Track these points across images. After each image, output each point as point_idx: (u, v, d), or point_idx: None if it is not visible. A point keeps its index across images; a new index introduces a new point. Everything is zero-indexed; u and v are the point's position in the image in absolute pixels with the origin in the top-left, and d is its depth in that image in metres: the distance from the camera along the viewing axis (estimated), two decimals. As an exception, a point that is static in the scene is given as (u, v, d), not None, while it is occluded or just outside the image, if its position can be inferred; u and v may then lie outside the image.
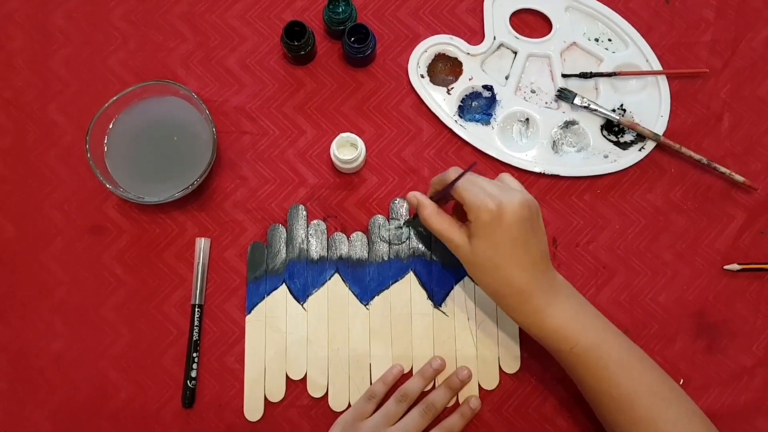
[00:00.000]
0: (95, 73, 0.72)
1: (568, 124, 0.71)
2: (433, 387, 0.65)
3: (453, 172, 0.59)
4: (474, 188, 0.56)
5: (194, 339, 0.65)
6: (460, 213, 0.62)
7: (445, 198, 0.60)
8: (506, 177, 0.60)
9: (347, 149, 0.67)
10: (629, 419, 0.55)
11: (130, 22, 0.73)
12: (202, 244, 0.67)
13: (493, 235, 0.55)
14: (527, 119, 0.71)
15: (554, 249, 0.68)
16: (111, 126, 0.66)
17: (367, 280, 0.67)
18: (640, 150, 0.70)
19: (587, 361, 0.56)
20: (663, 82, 0.72)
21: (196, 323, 0.65)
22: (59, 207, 0.69)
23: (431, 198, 0.61)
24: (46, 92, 0.71)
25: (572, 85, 0.71)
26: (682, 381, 0.65)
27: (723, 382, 0.66)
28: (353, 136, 0.66)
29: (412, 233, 0.68)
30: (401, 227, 0.68)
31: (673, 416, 0.55)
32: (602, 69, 0.72)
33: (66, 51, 0.72)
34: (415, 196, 0.61)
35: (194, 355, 0.65)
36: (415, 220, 0.67)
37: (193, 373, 0.65)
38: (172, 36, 0.73)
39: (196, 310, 0.66)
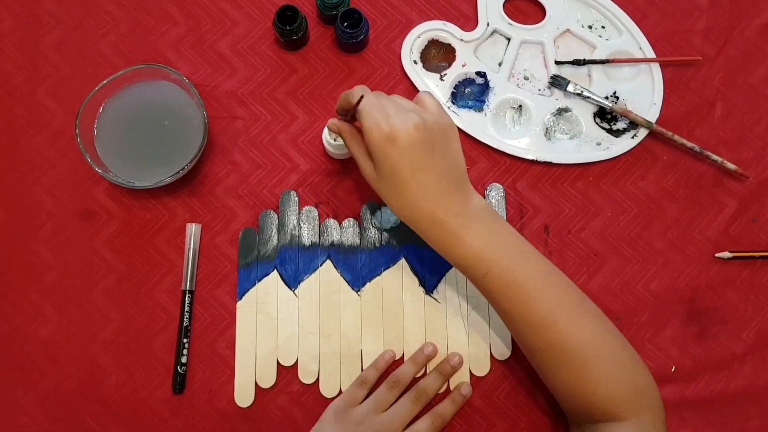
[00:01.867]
0: (85, 57, 0.71)
1: (561, 111, 0.71)
2: (425, 373, 0.65)
3: (359, 90, 0.57)
4: (373, 111, 0.54)
5: (185, 325, 0.65)
6: None
7: (353, 118, 0.58)
8: (423, 97, 0.58)
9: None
10: (545, 343, 0.56)
11: (120, 6, 0.72)
12: (192, 230, 0.67)
13: (389, 158, 0.53)
14: (520, 106, 0.71)
15: (546, 236, 0.68)
16: (101, 110, 0.66)
17: (359, 267, 0.67)
18: (632, 137, 0.70)
19: (501, 287, 0.55)
20: (656, 69, 0.71)
21: (186, 309, 0.65)
22: (49, 192, 0.68)
23: (341, 116, 0.60)
24: (36, 76, 0.70)
25: (565, 72, 0.71)
26: (673, 368, 0.66)
27: (713, 369, 0.66)
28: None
29: None
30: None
31: (588, 337, 0.55)
32: (595, 56, 0.71)
33: (56, 34, 0.71)
34: (335, 123, 0.60)
35: (185, 340, 0.65)
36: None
37: (184, 359, 0.64)
38: (164, 19, 0.72)
39: (187, 295, 0.65)
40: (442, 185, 0.55)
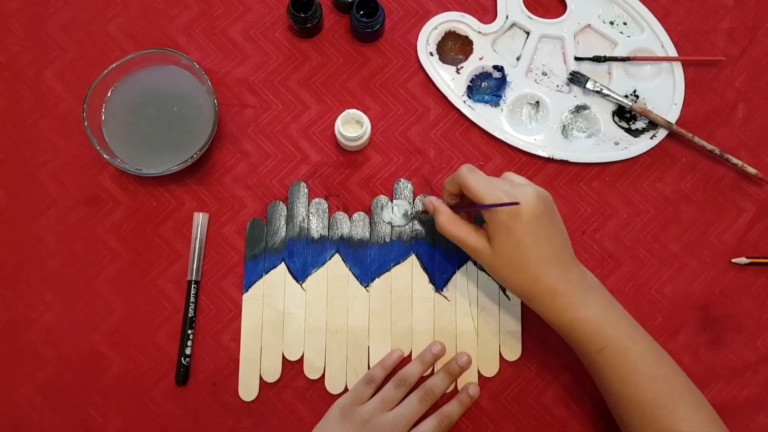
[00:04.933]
0: (94, 39, 0.69)
1: (579, 109, 0.69)
2: (432, 372, 0.64)
3: (466, 171, 0.57)
4: (490, 187, 0.55)
5: (189, 316, 0.64)
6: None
7: (462, 205, 0.59)
8: (512, 175, 0.59)
9: (352, 126, 0.65)
10: (651, 426, 0.54)
11: (131, -13, 0.71)
12: (200, 219, 0.66)
13: (513, 233, 0.53)
14: (537, 102, 0.69)
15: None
16: (109, 94, 0.64)
17: (368, 262, 0.66)
18: (651, 138, 0.68)
19: (615, 364, 0.55)
20: (678, 69, 0.70)
21: (191, 300, 0.64)
22: (54, 176, 0.67)
23: (447, 203, 0.60)
24: (43, 57, 0.69)
25: (585, 68, 0.70)
26: (684, 374, 0.65)
27: (726, 377, 0.65)
28: (359, 112, 0.64)
29: (415, 215, 0.66)
30: (409, 214, 0.66)
31: (695, 426, 0.54)
32: (616, 53, 0.70)
33: (64, 14, 0.70)
34: (431, 201, 0.60)
35: (189, 332, 0.64)
36: (423, 215, 0.66)
37: (188, 351, 0.63)
38: (175, 3, 0.70)
39: (193, 286, 0.64)
40: (561, 256, 0.55)
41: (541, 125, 0.69)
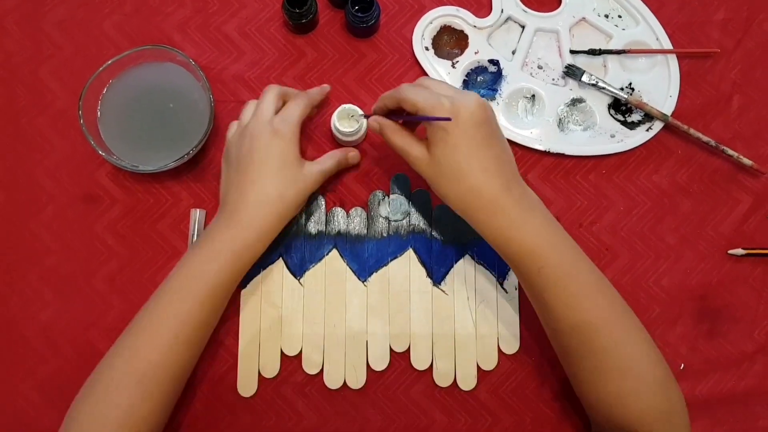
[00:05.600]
0: (89, 36, 0.69)
1: (575, 102, 0.69)
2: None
3: (406, 86, 0.56)
4: (424, 92, 0.53)
5: (187, 312, 0.64)
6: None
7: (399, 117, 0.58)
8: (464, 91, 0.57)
9: (348, 121, 0.65)
10: (589, 349, 0.54)
11: (125, -15, 0.70)
12: (197, 216, 0.65)
13: (451, 137, 0.52)
14: (533, 96, 0.69)
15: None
16: (105, 91, 0.64)
17: (366, 257, 0.66)
18: (647, 130, 0.68)
19: (555, 285, 0.53)
20: (673, 61, 0.70)
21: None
22: (51, 174, 0.67)
23: (382, 114, 0.59)
24: (38, 55, 0.69)
25: (580, 61, 0.70)
26: (682, 366, 0.65)
27: (723, 368, 0.65)
28: (354, 107, 0.64)
29: (412, 209, 0.66)
30: (406, 209, 0.66)
31: (631, 348, 0.54)
32: (611, 46, 0.70)
33: (59, 12, 0.70)
34: (376, 120, 0.59)
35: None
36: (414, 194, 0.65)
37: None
38: (170, 0, 0.70)
39: (190, 282, 0.64)
40: (503, 169, 0.53)
41: (537, 119, 0.69)
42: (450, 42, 0.70)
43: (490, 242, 0.55)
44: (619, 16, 0.71)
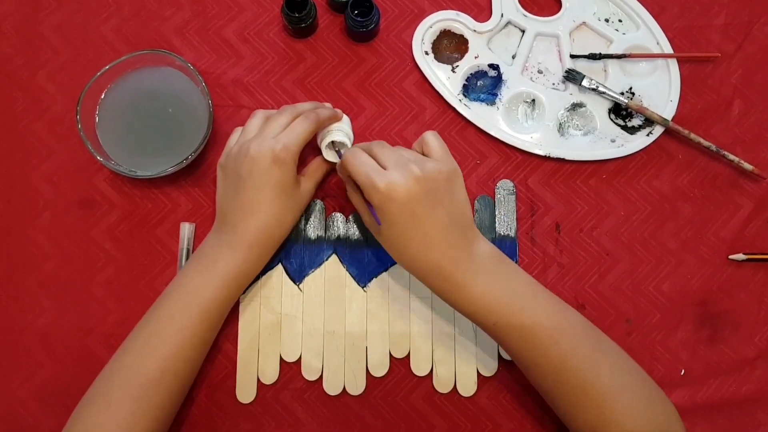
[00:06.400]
0: (87, 41, 0.69)
1: (575, 107, 0.69)
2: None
3: (352, 155, 0.55)
4: (362, 167, 0.53)
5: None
6: None
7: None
8: (427, 137, 0.57)
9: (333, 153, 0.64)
10: (562, 389, 0.54)
11: (123, -12, 0.70)
12: (186, 231, 0.65)
13: (389, 215, 0.53)
14: (533, 100, 0.69)
15: (557, 234, 0.67)
16: (103, 96, 0.64)
17: (365, 262, 0.66)
18: (648, 135, 0.68)
19: (510, 335, 0.54)
20: (673, 65, 0.70)
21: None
22: (48, 179, 0.66)
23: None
24: (36, 59, 0.68)
25: (580, 66, 0.69)
26: (683, 371, 0.64)
27: (724, 373, 0.65)
28: (342, 139, 0.62)
29: None
30: None
31: (605, 380, 0.53)
32: (612, 50, 0.70)
33: (57, 16, 0.69)
34: (342, 172, 0.60)
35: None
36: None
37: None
38: (168, 3, 0.70)
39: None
40: (446, 236, 0.54)
41: (538, 123, 0.69)
42: (450, 46, 0.70)
43: (449, 304, 0.56)
44: (620, 20, 0.71)
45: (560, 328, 0.55)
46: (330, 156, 0.63)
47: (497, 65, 0.69)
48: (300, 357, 0.64)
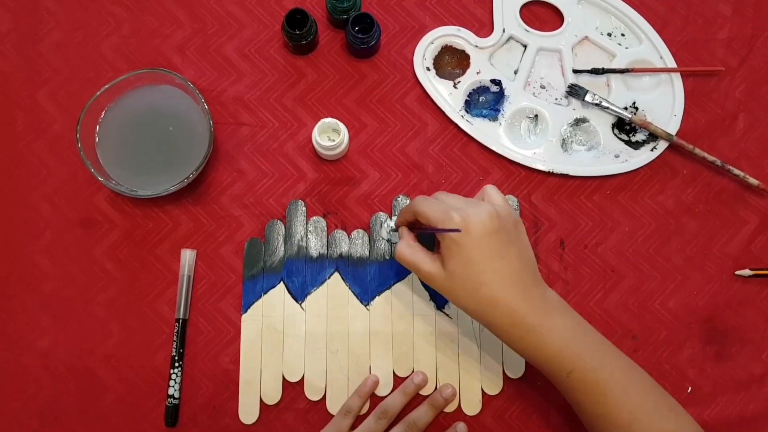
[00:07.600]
0: (87, 59, 0.69)
1: (579, 122, 0.68)
2: (418, 404, 0.63)
3: (420, 199, 0.56)
4: (435, 205, 0.54)
5: (173, 355, 0.63)
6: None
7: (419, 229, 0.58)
8: (488, 189, 0.57)
9: (329, 135, 0.64)
10: None
11: (123, 6, 0.70)
12: (187, 257, 0.64)
13: (463, 249, 0.52)
14: (536, 115, 0.69)
15: (561, 250, 0.66)
16: (103, 115, 0.64)
17: (368, 280, 0.65)
18: (652, 150, 0.68)
19: (585, 386, 0.53)
20: (677, 79, 0.69)
21: (174, 338, 0.63)
22: (48, 199, 0.66)
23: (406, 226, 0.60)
24: (35, 78, 0.68)
25: (583, 81, 0.69)
26: (690, 389, 0.64)
27: (732, 390, 0.64)
28: (335, 121, 0.63)
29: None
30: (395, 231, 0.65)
31: (672, 427, 0.53)
32: (615, 65, 0.69)
33: (56, 35, 0.69)
34: (402, 229, 0.60)
35: (174, 371, 0.62)
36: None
37: (172, 391, 0.62)
38: (168, 21, 0.70)
39: (178, 324, 0.63)
40: (520, 276, 0.53)
41: (541, 139, 0.68)
42: (451, 62, 0.70)
43: (513, 349, 0.55)
44: (622, 35, 0.70)
45: (630, 381, 0.54)
46: (326, 139, 0.64)
47: (499, 81, 0.69)
48: (303, 377, 0.63)
